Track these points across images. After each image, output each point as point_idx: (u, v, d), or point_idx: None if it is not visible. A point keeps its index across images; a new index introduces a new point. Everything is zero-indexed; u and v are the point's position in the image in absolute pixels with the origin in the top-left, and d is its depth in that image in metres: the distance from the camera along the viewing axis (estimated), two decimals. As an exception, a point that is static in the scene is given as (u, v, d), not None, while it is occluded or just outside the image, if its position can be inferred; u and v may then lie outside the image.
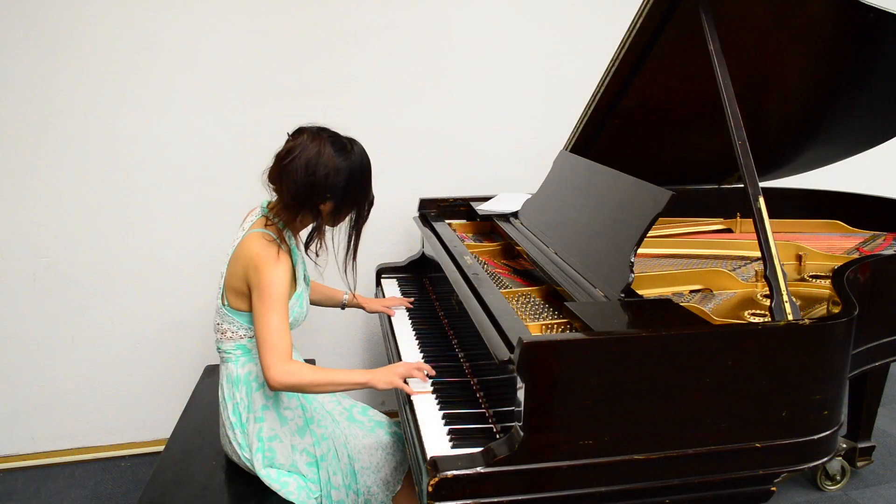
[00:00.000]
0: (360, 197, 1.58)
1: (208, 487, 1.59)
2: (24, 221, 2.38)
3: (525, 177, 2.77)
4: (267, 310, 1.46)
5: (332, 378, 1.51)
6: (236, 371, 1.60)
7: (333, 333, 2.73)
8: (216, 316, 1.61)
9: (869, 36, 1.90)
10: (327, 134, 1.53)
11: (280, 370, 1.45)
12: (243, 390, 1.59)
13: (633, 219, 1.57)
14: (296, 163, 1.47)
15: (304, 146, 1.48)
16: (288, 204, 1.51)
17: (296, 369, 1.47)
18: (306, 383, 1.48)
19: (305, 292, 1.65)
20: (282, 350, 1.46)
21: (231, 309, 1.57)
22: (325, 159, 1.48)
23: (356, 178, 1.53)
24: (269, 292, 1.47)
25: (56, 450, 2.57)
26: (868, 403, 2.33)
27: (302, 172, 1.47)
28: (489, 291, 1.62)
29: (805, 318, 1.43)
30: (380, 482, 1.68)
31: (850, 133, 2.34)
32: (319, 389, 1.52)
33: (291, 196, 1.50)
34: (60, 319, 2.48)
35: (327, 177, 1.48)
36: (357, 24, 2.52)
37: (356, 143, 1.56)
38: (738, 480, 1.35)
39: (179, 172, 2.45)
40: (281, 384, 1.46)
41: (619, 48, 1.94)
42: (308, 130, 1.52)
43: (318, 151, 1.48)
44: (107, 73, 2.33)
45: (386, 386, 1.55)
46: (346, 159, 1.51)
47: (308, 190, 1.49)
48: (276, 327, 1.46)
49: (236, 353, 1.60)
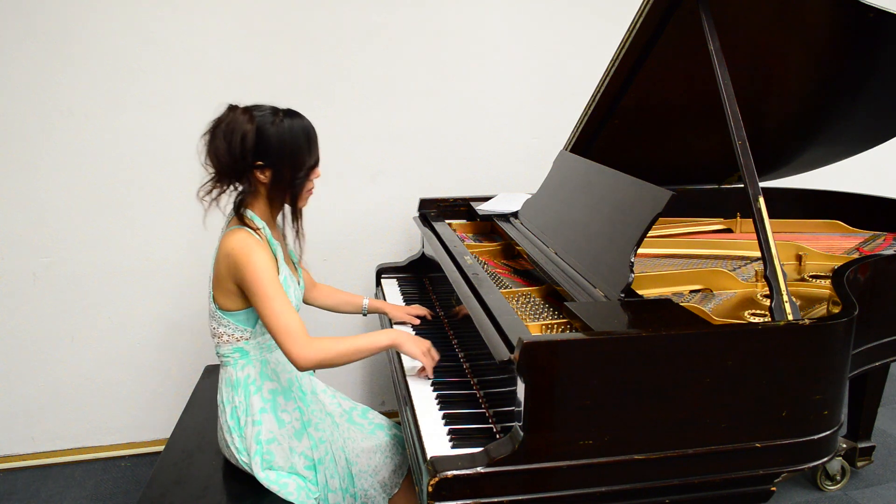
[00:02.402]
0: (296, 161, 1.53)
1: (208, 487, 1.59)
2: (24, 221, 2.38)
3: (525, 177, 2.78)
4: (264, 298, 1.46)
5: (357, 345, 1.52)
6: (236, 374, 1.59)
7: (333, 333, 2.72)
8: (210, 321, 1.61)
9: (869, 36, 1.90)
10: (255, 106, 1.51)
11: (304, 351, 1.45)
12: (242, 394, 1.59)
13: (633, 219, 1.57)
14: (216, 133, 1.47)
15: (225, 119, 1.47)
16: (219, 176, 1.50)
17: (319, 346, 1.47)
18: (333, 356, 1.48)
19: (291, 278, 1.62)
20: (296, 330, 1.45)
21: (223, 311, 1.57)
22: (243, 126, 1.46)
23: (284, 140, 1.50)
24: (260, 280, 1.46)
25: (56, 450, 2.57)
26: (868, 403, 2.33)
27: (222, 141, 1.46)
28: (489, 291, 1.62)
29: (805, 318, 1.43)
30: (377, 485, 1.68)
31: (850, 133, 2.34)
32: (347, 359, 1.52)
33: (219, 167, 1.48)
34: (60, 319, 2.48)
35: (245, 141, 1.45)
36: (357, 25, 2.52)
37: (295, 113, 1.54)
38: (738, 480, 1.35)
39: (179, 172, 2.45)
40: (309, 363, 1.46)
41: (619, 48, 1.94)
42: (233, 105, 1.51)
43: (236, 120, 1.46)
44: (107, 73, 2.33)
45: (408, 350, 1.58)
46: (274, 125, 1.49)
47: (230, 158, 1.47)
48: (282, 309, 1.46)
49: (234, 356, 1.59)
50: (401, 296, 2.23)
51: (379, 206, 2.70)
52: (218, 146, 1.47)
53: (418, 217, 2.44)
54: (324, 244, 2.67)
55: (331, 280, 2.55)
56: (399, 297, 2.21)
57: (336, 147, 2.58)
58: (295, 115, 1.54)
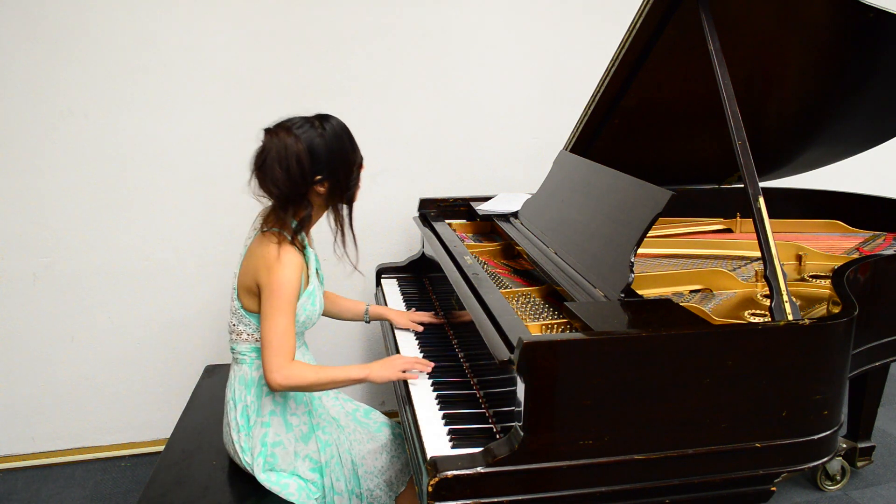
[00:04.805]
0: (347, 164, 1.55)
1: (208, 487, 1.59)
2: (24, 221, 2.38)
3: (525, 177, 2.78)
4: (275, 311, 1.46)
5: (331, 376, 1.52)
6: (250, 373, 1.59)
7: (333, 333, 2.72)
8: (231, 317, 1.61)
9: (869, 36, 1.90)
10: (290, 122, 1.50)
11: (282, 373, 1.46)
12: (254, 393, 1.59)
13: (633, 219, 1.57)
14: (267, 163, 1.45)
15: (271, 147, 1.46)
16: (282, 204, 1.49)
17: (297, 371, 1.47)
18: (306, 384, 1.49)
19: (318, 289, 1.63)
20: (285, 352, 1.47)
21: (246, 310, 1.57)
22: (293, 148, 1.45)
23: (332, 148, 1.51)
24: (279, 293, 1.46)
25: (56, 450, 2.57)
26: (868, 403, 2.33)
27: (278, 170, 1.45)
28: (489, 291, 1.62)
29: (805, 318, 1.43)
30: (383, 485, 1.68)
31: (850, 133, 2.34)
32: (319, 388, 1.53)
33: (280, 196, 1.48)
34: (60, 319, 2.48)
35: (301, 163, 1.45)
36: (357, 25, 2.52)
37: (327, 117, 1.54)
38: (737, 480, 1.35)
39: (180, 172, 2.45)
40: (282, 386, 1.47)
41: (619, 48, 1.94)
42: (270, 129, 1.50)
43: (284, 143, 1.45)
44: (107, 74, 2.33)
45: (383, 380, 1.56)
46: (321, 136, 1.49)
47: (291, 183, 1.46)
48: (283, 329, 1.47)
49: (251, 355, 1.59)
50: (401, 296, 2.23)
51: (379, 206, 2.70)
52: (275, 176, 1.45)
53: (418, 217, 2.45)
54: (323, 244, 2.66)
55: (330, 280, 2.54)
56: (399, 297, 2.21)
57: (336, 147, 2.58)
58: (328, 118, 1.54)
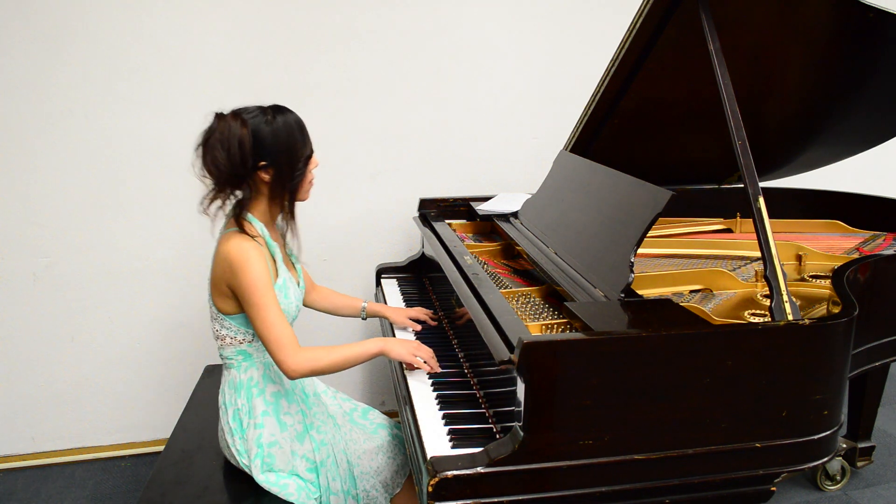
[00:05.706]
0: (293, 155, 1.53)
1: (208, 487, 1.59)
2: (24, 221, 2.38)
3: (525, 177, 2.78)
4: (258, 308, 1.46)
5: (345, 354, 1.53)
6: (239, 377, 1.59)
7: (333, 333, 2.72)
8: (213, 323, 1.60)
9: (869, 36, 1.90)
10: (243, 109, 1.51)
11: (295, 361, 1.46)
12: (245, 396, 1.59)
13: (633, 219, 1.57)
14: (210, 143, 1.46)
15: (217, 129, 1.46)
16: (220, 184, 1.49)
17: (310, 356, 1.49)
18: (323, 366, 1.50)
19: (291, 282, 1.61)
20: (287, 341, 1.47)
21: (224, 314, 1.56)
22: (238, 131, 1.45)
23: (280, 137, 1.50)
24: (253, 289, 1.46)
25: (56, 450, 2.57)
26: (868, 403, 2.33)
27: (220, 151, 1.45)
28: (489, 291, 1.62)
29: (805, 318, 1.43)
30: (379, 485, 1.68)
31: (850, 133, 2.34)
32: (336, 369, 1.53)
33: (220, 176, 1.48)
34: (60, 319, 2.48)
35: (243, 146, 1.45)
36: (357, 25, 2.52)
37: (282, 109, 1.53)
38: (738, 480, 1.35)
39: (179, 172, 2.45)
40: (299, 373, 1.48)
41: (619, 48, 1.94)
42: (221, 113, 1.50)
43: (229, 127, 1.45)
44: (107, 73, 2.33)
45: (395, 356, 1.60)
46: (268, 124, 1.48)
47: (231, 165, 1.46)
48: (274, 320, 1.47)
49: (238, 358, 1.59)
50: (401, 296, 2.23)
51: (379, 206, 2.70)
52: (216, 156, 1.45)
53: (418, 217, 2.44)
54: (323, 244, 2.67)
55: (330, 280, 2.54)
56: (399, 297, 2.21)
57: (336, 147, 2.58)
58: (282, 110, 1.54)
